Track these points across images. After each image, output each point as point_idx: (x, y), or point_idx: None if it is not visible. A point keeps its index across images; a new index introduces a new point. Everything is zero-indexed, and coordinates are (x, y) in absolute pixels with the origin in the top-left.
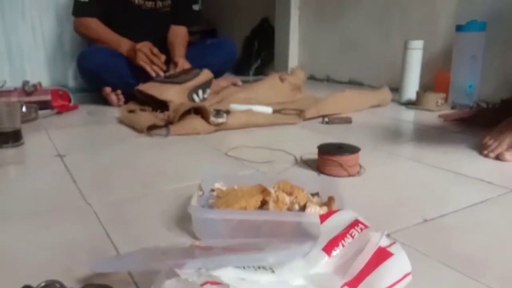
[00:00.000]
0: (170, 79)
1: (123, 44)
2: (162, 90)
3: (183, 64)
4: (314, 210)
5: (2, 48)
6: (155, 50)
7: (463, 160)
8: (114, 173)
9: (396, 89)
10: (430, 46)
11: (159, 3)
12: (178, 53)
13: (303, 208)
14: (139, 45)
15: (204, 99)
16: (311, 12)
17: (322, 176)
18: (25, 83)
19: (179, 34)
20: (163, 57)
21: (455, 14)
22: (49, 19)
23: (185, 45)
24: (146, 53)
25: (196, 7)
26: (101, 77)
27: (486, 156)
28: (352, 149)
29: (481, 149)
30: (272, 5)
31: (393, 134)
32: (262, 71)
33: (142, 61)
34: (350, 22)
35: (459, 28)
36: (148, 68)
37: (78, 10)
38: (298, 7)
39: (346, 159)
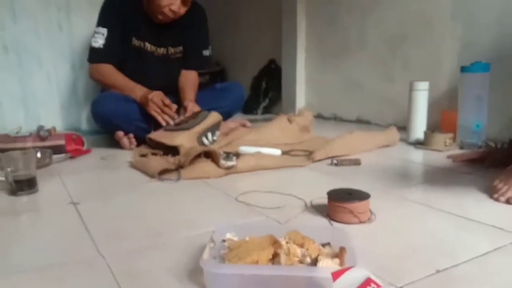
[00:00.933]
0: (179, 126)
1: (137, 91)
2: (172, 137)
3: (192, 108)
4: (326, 264)
5: (18, 95)
6: (167, 101)
7: (473, 204)
8: (127, 221)
9: (403, 128)
10: (435, 87)
11: (171, 50)
12: (188, 97)
13: (314, 260)
14: (151, 95)
15: (213, 141)
16: (316, 53)
17: (333, 223)
18: (40, 128)
19: (189, 79)
20: (174, 107)
21: (458, 55)
22: (64, 66)
23: (195, 89)
24: (157, 103)
25: (206, 52)
26: (114, 122)
27: (496, 200)
28: (362, 195)
29: (491, 192)
30: (279, 47)
31: (403, 177)
32: (270, 110)
33: (153, 110)
34: (354, 64)
35: (463, 69)
36: (159, 118)
37: (93, 57)
38: (304, 49)
39: (356, 205)
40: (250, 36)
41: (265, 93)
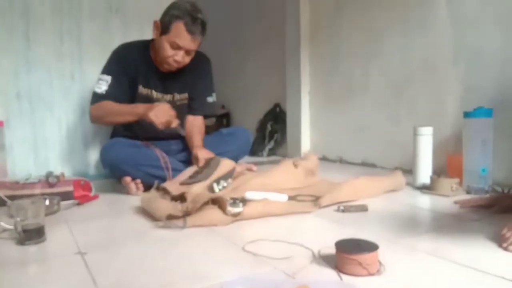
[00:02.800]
0: (194, 179)
1: (140, 107)
2: (187, 189)
3: (202, 155)
4: None
5: (29, 141)
6: (172, 112)
7: (482, 254)
8: (134, 273)
9: (409, 171)
10: (440, 130)
11: (177, 96)
12: (196, 143)
13: None
14: (158, 103)
15: (223, 187)
16: (321, 97)
17: (342, 275)
18: (49, 174)
19: (195, 124)
20: (176, 122)
21: (461, 100)
22: (75, 113)
23: (202, 134)
24: (163, 108)
25: (210, 99)
26: (122, 168)
27: (505, 249)
28: (370, 247)
29: (500, 241)
30: (284, 91)
31: (411, 224)
32: (275, 152)
33: (154, 116)
34: (359, 107)
35: (466, 114)
36: (158, 122)
37: (95, 100)
38: (308, 92)
39: (365, 257)
40: (255, 80)
41: (271, 136)
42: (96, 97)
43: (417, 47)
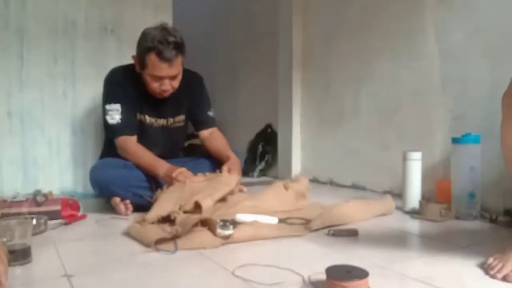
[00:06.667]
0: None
1: (159, 168)
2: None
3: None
4: None
5: (18, 160)
6: (191, 176)
7: (472, 282)
8: None
9: (399, 195)
10: (429, 155)
11: (171, 120)
12: (227, 155)
13: None
14: (176, 173)
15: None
16: (312, 120)
17: None
18: (37, 193)
19: (216, 137)
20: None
21: (449, 126)
22: (66, 132)
23: (226, 144)
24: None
25: (210, 113)
26: (111, 189)
27: (492, 277)
28: (361, 274)
29: (487, 269)
30: (275, 112)
31: (401, 249)
32: (266, 173)
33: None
34: (349, 130)
35: (455, 140)
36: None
37: (115, 133)
38: (300, 115)
39: (356, 284)
40: (247, 101)
41: (262, 157)
42: (115, 129)
43: (406, 75)
